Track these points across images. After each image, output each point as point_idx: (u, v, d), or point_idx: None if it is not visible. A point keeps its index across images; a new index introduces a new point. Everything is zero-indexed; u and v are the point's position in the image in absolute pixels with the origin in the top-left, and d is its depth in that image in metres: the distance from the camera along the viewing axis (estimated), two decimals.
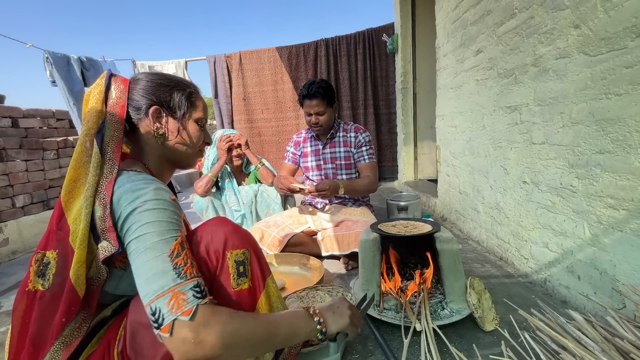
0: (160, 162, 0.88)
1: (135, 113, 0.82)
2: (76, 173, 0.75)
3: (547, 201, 1.43)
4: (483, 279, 1.56)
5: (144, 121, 0.83)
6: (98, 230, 0.70)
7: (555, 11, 1.33)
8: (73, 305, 0.69)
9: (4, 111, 2.77)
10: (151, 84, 0.84)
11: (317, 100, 1.99)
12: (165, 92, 0.84)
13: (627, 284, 1.05)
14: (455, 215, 2.47)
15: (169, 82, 0.86)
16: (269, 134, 5.01)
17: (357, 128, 2.15)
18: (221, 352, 0.65)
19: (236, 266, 0.79)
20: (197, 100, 0.90)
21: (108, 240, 0.70)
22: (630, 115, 1.04)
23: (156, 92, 0.83)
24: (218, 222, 0.83)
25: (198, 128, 0.90)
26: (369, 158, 2.10)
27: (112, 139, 0.76)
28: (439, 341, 1.10)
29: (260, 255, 0.86)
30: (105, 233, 0.70)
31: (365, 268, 1.31)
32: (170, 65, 5.27)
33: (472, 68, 2.07)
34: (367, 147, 2.11)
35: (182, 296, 0.64)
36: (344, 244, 1.81)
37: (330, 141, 2.14)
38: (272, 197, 2.36)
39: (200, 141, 0.92)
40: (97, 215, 0.70)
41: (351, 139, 2.12)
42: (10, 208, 2.68)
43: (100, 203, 0.71)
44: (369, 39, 4.56)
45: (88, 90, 0.80)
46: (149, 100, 0.82)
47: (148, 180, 0.75)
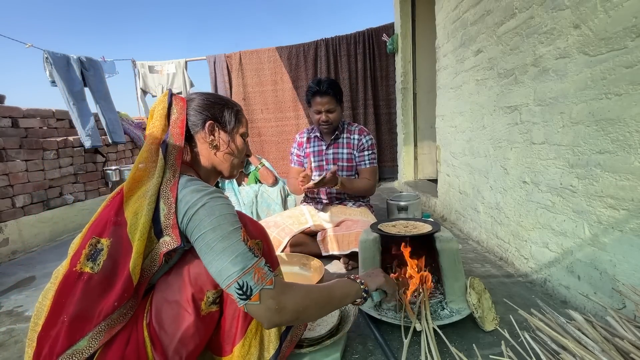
0: (210, 170, 0.98)
1: (192, 127, 0.93)
2: (140, 174, 0.85)
3: (547, 201, 1.43)
4: (483, 279, 1.56)
5: (199, 134, 0.93)
6: (162, 226, 0.79)
7: (555, 11, 1.33)
8: (127, 292, 0.76)
9: (4, 111, 2.77)
10: (206, 102, 0.95)
11: (328, 97, 1.97)
12: (218, 110, 0.96)
13: (627, 284, 1.05)
14: (455, 215, 2.47)
15: (220, 101, 0.97)
16: (269, 134, 5.01)
17: (360, 130, 2.13)
18: (298, 316, 0.80)
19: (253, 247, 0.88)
20: (242, 117, 1.01)
21: (171, 235, 0.78)
22: (630, 115, 1.04)
23: (210, 110, 0.95)
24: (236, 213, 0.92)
25: (243, 141, 1.01)
26: (370, 163, 2.09)
27: (174, 149, 0.87)
28: (439, 341, 1.10)
29: (271, 246, 0.95)
30: (169, 229, 0.79)
31: (365, 268, 1.31)
32: (170, 65, 5.27)
33: (472, 68, 2.07)
34: (370, 151, 2.09)
35: (262, 270, 0.77)
36: (344, 243, 1.81)
37: (334, 142, 2.12)
38: (273, 198, 2.36)
39: (244, 152, 1.03)
40: (162, 212, 0.79)
41: (354, 141, 2.10)
42: (10, 208, 2.68)
43: (166, 202, 0.80)
44: (369, 39, 4.55)
45: (152, 106, 0.93)
46: (205, 116, 0.93)
47: (204, 183, 0.85)
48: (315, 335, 1.04)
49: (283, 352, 0.92)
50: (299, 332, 0.99)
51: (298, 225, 2.02)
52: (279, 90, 4.88)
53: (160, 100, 0.92)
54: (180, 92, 5.42)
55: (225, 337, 0.88)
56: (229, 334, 0.87)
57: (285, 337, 0.93)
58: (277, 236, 1.94)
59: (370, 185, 2.06)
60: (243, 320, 0.86)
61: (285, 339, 0.93)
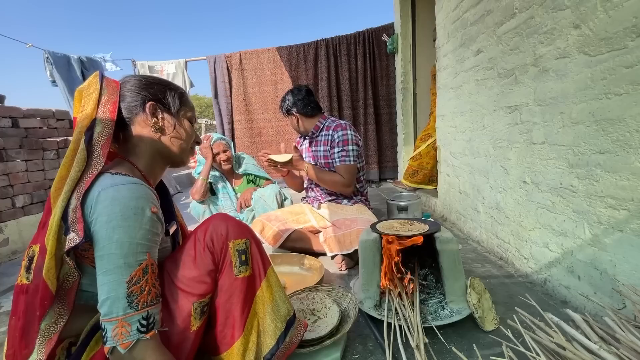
0: (154, 160, 0.89)
1: (128, 111, 0.84)
2: (65, 171, 0.76)
3: (548, 201, 1.42)
4: (483, 279, 1.56)
5: (139, 116, 0.85)
6: (69, 222, 0.71)
7: (555, 11, 1.33)
8: (45, 300, 0.70)
9: (4, 111, 2.77)
10: (144, 82, 0.87)
11: None
12: (159, 90, 0.88)
13: (627, 284, 1.05)
14: (455, 215, 2.47)
15: (161, 82, 0.90)
16: (269, 134, 5.01)
17: (335, 126, 2.07)
18: None
19: (238, 255, 0.85)
20: (188, 100, 0.94)
21: (75, 231, 0.70)
22: (630, 116, 1.04)
23: (150, 90, 0.86)
24: (221, 216, 0.90)
25: (190, 125, 0.94)
26: (340, 160, 2.01)
27: (101, 135, 0.78)
28: (439, 341, 1.10)
29: (261, 247, 0.92)
30: (75, 224, 0.70)
31: (365, 268, 1.31)
32: (170, 65, 5.27)
33: (472, 68, 2.07)
34: (340, 147, 2.01)
35: (127, 327, 0.68)
36: (345, 243, 1.81)
37: (315, 140, 2.15)
38: (269, 203, 2.35)
39: (193, 137, 0.96)
40: (70, 206, 0.71)
41: (329, 137, 2.07)
42: (10, 208, 2.68)
43: (77, 195, 0.72)
44: (369, 39, 4.55)
45: (79, 89, 0.81)
46: (144, 96, 0.85)
47: (133, 187, 0.74)
48: (315, 336, 1.04)
49: (281, 351, 0.90)
50: (299, 332, 0.95)
51: (298, 224, 2.03)
52: (279, 90, 4.88)
53: (89, 81, 0.82)
54: None
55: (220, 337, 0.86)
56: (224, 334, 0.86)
57: (283, 339, 0.90)
58: (277, 229, 1.94)
59: (342, 181, 1.99)
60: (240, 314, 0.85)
61: (283, 340, 0.90)
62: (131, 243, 0.70)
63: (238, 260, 0.85)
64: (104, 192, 0.72)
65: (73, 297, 0.73)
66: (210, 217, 0.90)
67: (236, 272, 0.85)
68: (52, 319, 0.71)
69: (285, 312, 0.92)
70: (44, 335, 0.70)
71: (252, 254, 0.88)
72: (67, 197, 0.72)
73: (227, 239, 0.85)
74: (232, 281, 0.84)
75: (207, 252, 0.83)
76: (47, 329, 0.71)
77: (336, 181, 2.01)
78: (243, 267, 0.86)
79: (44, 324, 0.71)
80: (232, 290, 0.85)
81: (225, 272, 0.85)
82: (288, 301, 0.94)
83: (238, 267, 0.85)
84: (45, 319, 0.71)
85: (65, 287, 0.73)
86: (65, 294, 0.73)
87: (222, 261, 0.85)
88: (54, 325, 0.71)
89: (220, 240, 0.84)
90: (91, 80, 0.82)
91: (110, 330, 0.68)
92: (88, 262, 0.75)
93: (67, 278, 0.73)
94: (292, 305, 0.95)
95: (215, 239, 0.84)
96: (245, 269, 0.86)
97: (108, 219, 0.70)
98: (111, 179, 0.75)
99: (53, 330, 0.71)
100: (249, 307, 0.87)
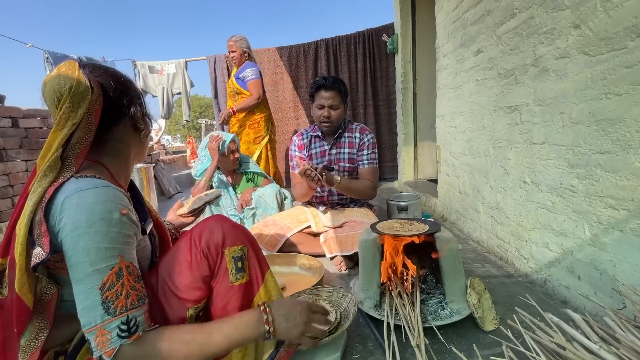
0: (129, 160, 0.88)
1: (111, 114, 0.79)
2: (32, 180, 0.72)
3: (548, 201, 1.43)
4: (483, 279, 1.56)
5: (123, 119, 0.82)
6: (34, 235, 0.68)
7: (555, 11, 1.33)
8: (23, 316, 0.67)
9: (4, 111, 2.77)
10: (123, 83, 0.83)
11: (333, 92, 1.90)
12: (135, 90, 0.86)
13: (627, 284, 1.05)
14: (455, 216, 2.47)
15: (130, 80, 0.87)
16: None
17: (362, 129, 2.06)
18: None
19: (234, 262, 0.83)
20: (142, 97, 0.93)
21: (41, 246, 0.67)
22: (630, 116, 1.04)
23: (129, 92, 0.83)
24: (217, 219, 0.87)
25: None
26: (368, 163, 2.01)
27: (79, 142, 0.73)
28: (439, 341, 1.10)
29: (259, 251, 0.89)
30: (40, 238, 0.67)
31: (365, 268, 1.31)
32: (170, 65, 5.27)
33: (472, 68, 2.07)
34: (369, 150, 2.01)
35: (107, 335, 0.65)
36: (347, 244, 1.80)
37: (337, 141, 2.05)
38: (269, 202, 2.34)
39: None
40: (35, 219, 0.68)
41: (356, 140, 2.03)
42: (10, 208, 2.68)
43: (40, 206, 0.68)
44: (369, 39, 4.55)
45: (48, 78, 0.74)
46: (129, 99, 0.82)
47: (98, 191, 0.70)
48: None
49: (281, 355, 0.89)
50: None
51: (297, 223, 2.02)
52: (279, 91, 4.88)
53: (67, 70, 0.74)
54: (179, 92, 5.42)
55: None
56: None
57: (282, 343, 0.89)
58: (275, 234, 1.93)
59: (370, 186, 1.97)
60: None
61: (282, 344, 0.89)
62: (99, 249, 0.66)
63: (234, 268, 0.83)
64: (67, 200, 0.68)
65: (53, 310, 0.70)
66: (206, 219, 0.87)
67: (232, 279, 0.82)
68: (31, 335, 0.68)
69: None
70: (25, 351, 0.68)
71: (249, 259, 0.86)
72: (34, 209, 0.68)
73: (223, 246, 0.82)
74: (228, 289, 0.82)
75: (203, 258, 0.81)
76: (27, 344, 0.68)
77: (366, 187, 1.96)
78: (239, 275, 0.83)
79: (24, 340, 0.68)
80: (229, 297, 0.83)
81: (220, 278, 0.82)
82: None
83: (234, 274, 0.83)
84: (25, 335, 0.68)
85: (43, 301, 0.70)
86: (44, 308, 0.70)
87: (218, 267, 0.82)
88: (35, 340, 0.69)
89: (216, 246, 0.82)
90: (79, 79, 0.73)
91: (92, 341, 0.65)
92: (64, 272, 0.70)
93: (44, 292, 0.70)
94: None
95: (211, 245, 0.82)
96: (241, 276, 0.83)
97: (73, 227, 0.66)
98: (75, 184, 0.70)
99: (34, 345, 0.68)
100: None
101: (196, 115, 25.22)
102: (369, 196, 2.03)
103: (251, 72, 3.08)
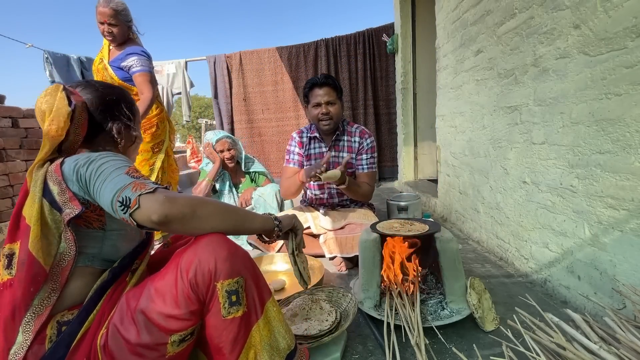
0: None
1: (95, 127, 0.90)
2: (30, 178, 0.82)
3: (547, 201, 1.43)
4: (483, 279, 1.56)
5: (101, 135, 0.91)
6: (59, 204, 0.78)
7: (555, 11, 1.33)
8: (39, 276, 0.76)
9: (4, 111, 2.77)
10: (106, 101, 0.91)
11: (328, 88, 1.89)
12: (118, 106, 0.93)
13: (627, 284, 1.05)
14: (455, 216, 2.47)
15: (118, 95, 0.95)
16: (270, 134, 5.02)
17: (362, 132, 2.03)
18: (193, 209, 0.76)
19: (227, 296, 0.76)
20: (134, 107, 0.99)
21: (71, 207, 0.78)
22: (630, 116, 1.04)
23: (111, 109, 0.92)
24: (211, 245, 0.77)
25: (139, 132, 1.01)
26: (368, 167, 2.00)
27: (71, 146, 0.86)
28: (439, 341, 1.10)
29: (259, 279, 0.83)
30: (67, 203, 0.78)
31: (365, 268, 1.31)
32: (170, 65, 5.27)
33: (472, 68, 2.07)
34: (369, 155, 2.00)
35: (144, 182, 0.74)
36: (347, 246, 1.80)
37: (335, 144, 2.03)
38: (269, 202, 2.34)
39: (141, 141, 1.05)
40: (54, 193, 0.78)
41: (355, 144, 2.02)
42: (10, 208, 2.68)
43: (55, 182, 0.78)
44: (369, 39, 4.56)
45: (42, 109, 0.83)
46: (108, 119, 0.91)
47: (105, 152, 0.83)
48: (313, 332, 1.04)
49: None
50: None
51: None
52: (280, 91, 4.88)
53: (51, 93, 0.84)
54: (179, 92, 5.42)
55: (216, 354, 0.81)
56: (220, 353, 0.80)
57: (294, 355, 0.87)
58: None
59: (370, 191, 1.99)
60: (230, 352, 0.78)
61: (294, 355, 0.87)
62: (115, 160, 0.79)
63: (227, 302, 0.76)
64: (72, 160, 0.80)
65: (66, 276, 0.79)
66: (198, 242, 0.78)
67: (224, 313, 0.76)
68: (45, 294, 0.76)
69: (285, 346, 0.85)
70: (34, 312, 0.75)
71: (246, 291, 0.78)
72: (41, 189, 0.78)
73: (215, 279, 0.74)
74: (219, 322, 0.76)
75: (192, 292, 0.74)
76: (40, 303, 0.75)
77: (366, 190, 1.96)
78: (234, 308, 0.76)
79: (37, 299, 0.75)
80: (221, 330, 0.77)
81: (212, 311, 0.76)
82: (289, 334, 0.87)
83: (227, 308, 0.76)
84: (39, 294, 0.75)
85: (61, 265, 0.78)
86: (59, 272, 0.78)
87: (209, 301, 0.76)
88: (47, 299, 0.76)
89: (206, 280, 0.74)
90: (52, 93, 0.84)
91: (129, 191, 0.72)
92: (82, 222, 0.81)
93: (63, 257, 0.78)
94: (293, 337, 0.89)
95: (200, 279, 0.74)
96: (236, 310, 0.77)
97: (89, 162, 0.78)
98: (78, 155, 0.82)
99: (46, 304, 0.76)
100: (242, 344, 0.79)
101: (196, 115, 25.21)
102: (367, 199, 2.04)
103: (138, 60, 2.10)
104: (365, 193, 1.97)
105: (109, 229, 0.85)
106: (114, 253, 0.86)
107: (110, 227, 0.85)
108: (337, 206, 2.12)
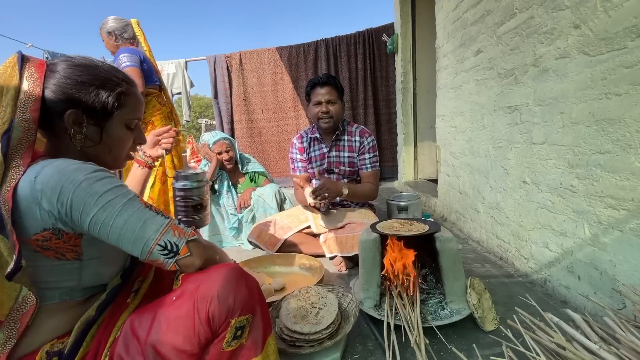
0: None
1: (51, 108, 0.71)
2: None
3: (547, 201, 1.43)
4: (483, 279, 1.56)
5: (59, 123, 0.72)
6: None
7: (555, 11, 1.33)
8: None
9: None
10: (70, 82, 0.71)
11: (329, 88, 1.92)
12: (88, 93, 0.72)
13: (627, 284, 1.05)
14: (455, 216, 2.47)
15: (93, 80, 0.73)
16: (270, 134, 5.02)
17: (362, 132, 2.06)
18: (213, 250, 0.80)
19: (234, 331, 0.75)
20: (128, 99, 0.78)
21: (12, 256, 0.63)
22: (630, 116, 1.04)
23: (75, 93, 0.71)
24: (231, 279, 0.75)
25: (126, 131, 0.80)
26: (371, 166, 2.03)
27: (21, 143, 0.66)
28: (439, 341, 1.10)
29: (265, 312, 0.81)
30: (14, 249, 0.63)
31: (365, 268, 1.31)
32: (170, 65, 5.27)
33: (472, 68, 2.07)
34: (371, 154, 2.03)
35: (180, 227, 0.72)
36: (347, 245, 1.80)
37: (336, 144, 2.05)
38: (269, 202, 2.34)
39: (129, 144, 0.83)
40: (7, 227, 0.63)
41: (356, 143, 2.03)
42: None
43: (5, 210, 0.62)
44: (369, 39, 4.56)
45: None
46: (65, 103, 0.71)
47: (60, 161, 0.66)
48: (321, 327, 1.03)
49: None
50: None
51: (298, 223, 2.01)
52: (280, 91, 4.89)
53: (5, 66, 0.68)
54: (179, 92, 5.40)
55: None
56: None
57: None
58: (275, 234, 1.93)
59: (374, 190, 2.02)
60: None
61: None
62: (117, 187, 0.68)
63: (232, 337, 0.74)
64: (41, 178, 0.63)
65: (26, 322, 0.67)
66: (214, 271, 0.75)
67: (224, 346, 0.74)
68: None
69: None
70: None
71: (251, 326, 0.77)
72: None
73: (231, 316, 0.73)
74: (218, 353, 0.74)
75: (208, 328, 0.72)
76: None
77: (371, 190, 2.00)
78: (234, 342, 0.75)
79: None
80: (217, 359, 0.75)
81: (214, 342, 0.75)
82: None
83: (229, 342, 0.74)
84: None
85: (21, 311, 0.67)
86: (18, 318, 0.67)
87: (219, 334, 0.74)
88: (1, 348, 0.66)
89: (223, 316, 0.72)
90: (6, 66, 0.67)
91: (172, 237, 0.69)
92: (52, 254, 0.67)
93: (24, 302, 0.67)
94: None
95: (217, 315, 0.72)
96: (235, 344, 0.75)
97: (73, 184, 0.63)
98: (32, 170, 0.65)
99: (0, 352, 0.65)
100: None
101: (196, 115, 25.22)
102: (373, 198, 2.08)
103: (126, 57, 2.19)
104: (370, 192, 2.01)
105: (86, 258, 0.72)
106: (96, 280, 0.77)
107: (88, 255, 0.72)
108: (338, 206, 2.12)
